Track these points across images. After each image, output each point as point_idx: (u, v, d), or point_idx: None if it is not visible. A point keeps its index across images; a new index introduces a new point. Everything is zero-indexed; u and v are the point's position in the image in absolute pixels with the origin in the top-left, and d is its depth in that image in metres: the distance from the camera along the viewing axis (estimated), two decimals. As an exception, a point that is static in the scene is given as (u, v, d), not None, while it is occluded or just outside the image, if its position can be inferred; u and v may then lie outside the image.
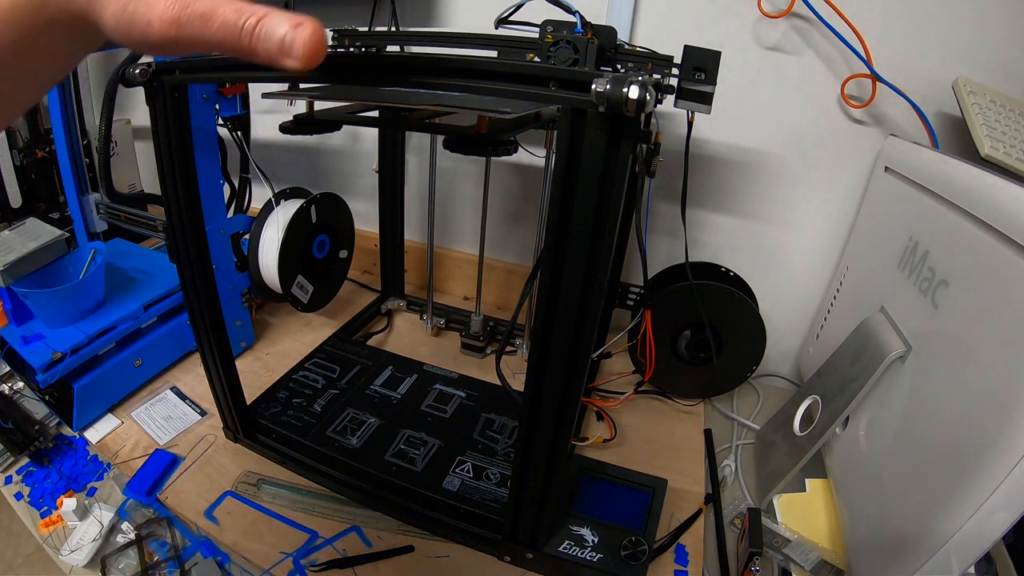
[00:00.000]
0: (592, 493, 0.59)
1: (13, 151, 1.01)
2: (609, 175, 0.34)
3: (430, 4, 0.85)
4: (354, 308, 0.95)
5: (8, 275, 0.67)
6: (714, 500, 0.63)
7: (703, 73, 0.53)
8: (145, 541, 0.56)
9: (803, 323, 0.83)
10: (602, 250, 0.36)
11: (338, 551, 0.55)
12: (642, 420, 0.75)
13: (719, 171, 0.79)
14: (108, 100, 0.79)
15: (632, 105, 0.30)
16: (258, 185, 0.80)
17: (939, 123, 0.66)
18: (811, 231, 0.78)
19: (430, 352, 0.86)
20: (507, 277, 0.99)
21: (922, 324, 0.50)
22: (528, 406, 0.44)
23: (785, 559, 0.54)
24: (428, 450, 0.64)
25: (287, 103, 0.62)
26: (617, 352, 0.85)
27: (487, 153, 0.57)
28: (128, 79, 0.47)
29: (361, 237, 0.94)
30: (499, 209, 0.94)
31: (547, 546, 0.53)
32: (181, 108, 0.49)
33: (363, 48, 0.75)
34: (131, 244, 0.94)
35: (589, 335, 0.40)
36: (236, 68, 0.44)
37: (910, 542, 0.43)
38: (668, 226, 0.84)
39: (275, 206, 0.77)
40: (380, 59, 0.40)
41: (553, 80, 0.32)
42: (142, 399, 0.74)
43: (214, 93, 0.68)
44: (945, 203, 0.50)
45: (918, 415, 0.47)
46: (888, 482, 0.49)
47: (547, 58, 0.58)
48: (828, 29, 0.65)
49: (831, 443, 0.61)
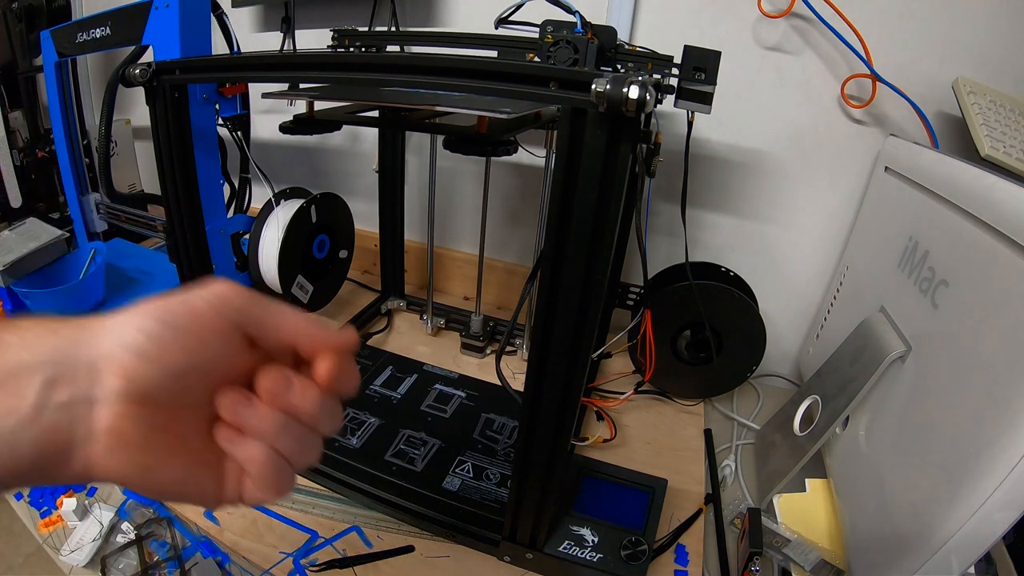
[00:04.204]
0: (592, 493, 0.59)
1: (13, 151, 1.02)
2: (609, 175, 0.34)
3: (430, 4, 0.85)
4: (354, 308, 0.95)
5: (8, 275, 0.67)
6: (714, 500, 0.63)
7: (703, 73, 0.53)
8: (145, 541, 0.56)
9: (803, 323, 0.83)
10: (602, 250, 0.36)
11: (338, 551, 0.55)
12: (642, 420, 0.75)
13: (719, 171, 0.79)
14: (108, 100, 0.79)
15: (632, 105, 0.30)
16: (258, 185, 0.80)
17: (939, 123, 0.66)
18: (811, 231, 0.78)
19: (430, 352, 0.86)
20: (507, 277, 0.99)
21: (922, 324, 0.50)
22: (528, 406, 0.44)
23: (785, 559, 0.54)
24: (428, 450, 0.64)
25: (287, 103, 0.62)
26: (617, 352, 0.85)
27: (487, 153, 0.57)
28: (128, 79, 0.47)
29: (361, 237, 0.94)
30: (499, 209, 0.94)
31: (547, 546, 0.53)
32: (181, 108, 0.49)
33: (363, 48, 0.75)
34: (131, 244, 0.94)
35: (589, 335, 0.40)
36: (236, 68, 0.44)
37: (910, 542, 0.43)
38: (668, 226, 0.84)
39: (275, 206, 0.77)
40: (380, 59, 0.40)
41: (553, 80, 0.32)
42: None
43: (214, 93, 0.68)
44: (945, 203, 0.50)
45: (918, 415, 0.47)
46: (888, 482, 0.49)
47: (547, 58, 0.57)
48: (828, 29, 0.65)
49: (831, 443, 0.61)
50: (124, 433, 0.22)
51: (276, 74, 0.43)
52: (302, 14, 0.86)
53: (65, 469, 0.22)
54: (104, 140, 0.81)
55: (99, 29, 0.73)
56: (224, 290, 0.25)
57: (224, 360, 0.25)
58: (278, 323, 0.26)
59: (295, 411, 0.25)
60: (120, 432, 0.22)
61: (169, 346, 0.23)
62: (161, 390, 0.23)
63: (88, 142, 0.91)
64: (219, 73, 0.50)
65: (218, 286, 0.25)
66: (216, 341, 0.24)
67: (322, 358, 0.26)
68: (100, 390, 0.22)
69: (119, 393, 0.22)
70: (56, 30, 0.80)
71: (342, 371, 0.26)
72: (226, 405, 0.25)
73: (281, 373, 0.25)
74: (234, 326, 0.25)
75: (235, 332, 0.25)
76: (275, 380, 0.25)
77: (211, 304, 0.24)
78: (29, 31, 0.99)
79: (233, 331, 0.25)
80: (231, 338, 0.25)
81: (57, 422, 0.22)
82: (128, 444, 0.23)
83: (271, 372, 0.25)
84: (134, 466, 0.23)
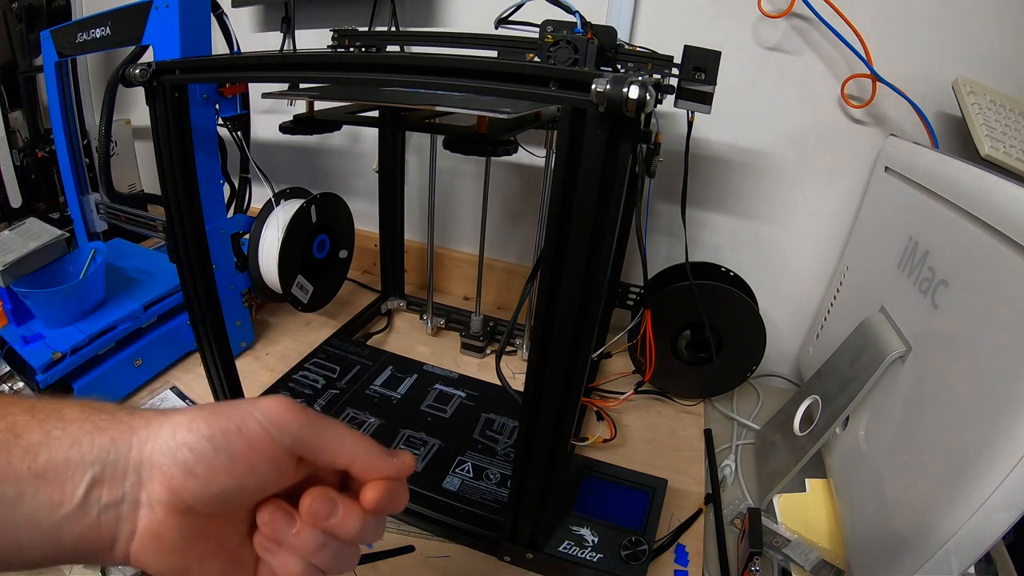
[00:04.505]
0: (592, 493, 0.59)
1: (13, 151, 1.02)
2: (609, 175, 0.34)
3: (430, 4, 0.85)
4: (354, 308, 0.95)
5: (8, 275, 0.67)
6: (714, 500, 0.63)
7: (703, 73, 0.53)
8: (145, 541, 0.56)
9: (803, 323, 0.83)
10: (602, 250, 0.36)
11: (338, 551, 0.55)
12: (642, 420, 0.75)
13: (719, 171, 0.79)
14: (108, 100, 0.79)
15: (632, 105, 0.30)
16: (258, 185, 0.80)
17: (939, 123, 0.66)
18: (811, 231, 0.78)
19: (430, 352, 0.86)
20: (507, 277, 0.99)
21: (922, 324, 0.50)
22: (528, 406, 0.44)
23: (785, 559, 0.54)
24: (428, 450, 0.64)
25: (287, 103, 0.62)
26: (617, 352, 0.85)
27: (487, 153, 0.57)
28: (128, 79, 0.47)
29: (361, 237, 0.94)
30: (499, 209, 0.94)
31: (547, 546, 0.53)
32: (181, 108, 0.49)
33: (363, 48, 0.75)
34: (131, 244, 0.94)
35: (589, 335, 0.40)
36: (236, 68, 0.44)
37: (910, 542, 0.43)
38: (668, 226, 0.84)
39: (275, 206, 0.77)
40: (380, 59, 0.40)
41: (553, 80, 0.32)
42: (142, 399, 0.74)
43: (214, 93, 0.68)
44: (945, 203, 0.50)
45: (918, 415, 0.47)
46: (888, 482, 0.49)
47: (547, 58, 0.57)
48: (828, 29, 0.65)
49: (831, 443, 0.61)
50: (164, 537, 0.23)
51: (276, 74, 0.43)
52: (302, 14, 0.86)
53: (103, 558, 0.23)
54: (104, 140, 0.81)
55: (99, 29, 0.73)
56: (281, 414, 0.24)
57: (272, 482, 0.25)
58: (335, 450, 0.25)
59: (336, 533, 0.25)
60: (160, 536, 0.23)
61: (219, 470, 0.23)
62: (205, 506, 0.23)
63: (88, 142, 0.91)
64: (219, 73, 0.49)
65: (275, 407, 0.24)
66: (267, 467, 0.24)
67: (374, 485, 0.25)
68: (145, 495, 0.23)
69: (163, 502, 0.22)
70: (56, 30, 0.80)
71: (392, 497, 0.26)
72: (265, 521, 0.25)
73: (326, 497, 0.25)
74: (288, 452, 0.24)
75: (288, 457, 0.24)
76: (320, 504, 0.25)
77: (266, 430, 0.24)
78: (29, 31, 0.99)
79: (287, 457, 0.24)
80: (284, 463, 0.24)
81: (101, 520, 0.22)
82: (167, 547, 0.23)
83: (316, 494, 0.25)
84: (171, 566, 0.23)
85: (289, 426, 0.24)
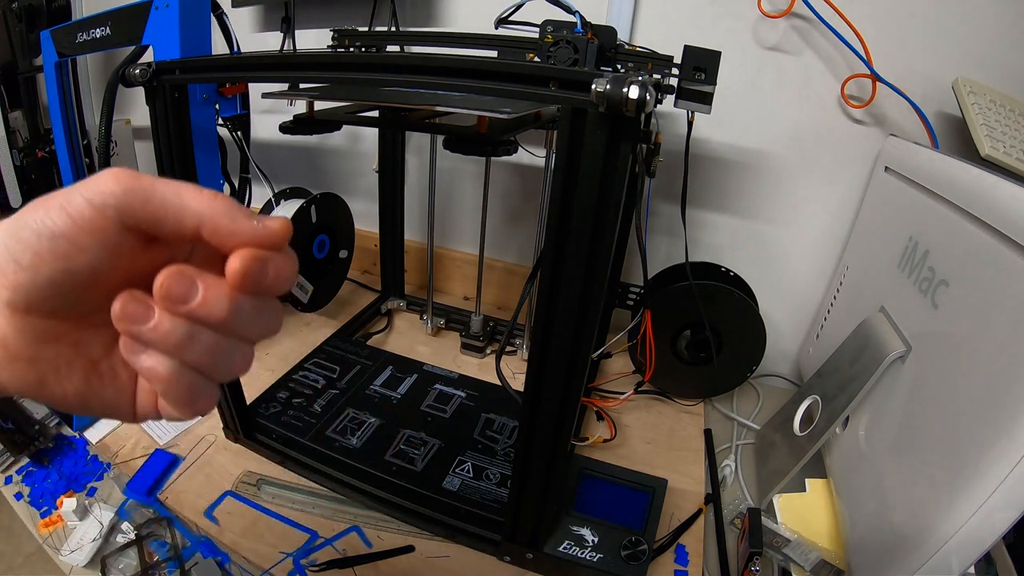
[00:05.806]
0: (592, 493, 0.59)
1: (13, 151, 1.02)
2: (609, 175, 0.34)
3: (430, 4, 0.85)
4: (354, 308, 0.95)
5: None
6: (714, 500, 0.63)
7: (703, 73, 0.53)
8: (145, 541, 0.56)
9: (803, 323, 0.83)
10: (602, 250, 0.36)
11: (338, 551, 0.55)
12: (642, 420, 0.75)
13: (719, 171, 0.79)
14: (108, 100, 0.79)
15: (632, 105, 0.30)
16: (258, 185, 0.80)
17: (939, 123, 0.66)
18: (811, 231, 0.78)
19: (430, 352, 0.86)
20: (507, 277, 0.99)
21: (922, 324, 0.50)
22: (528, 406, 0.44)
23: (785, 559, 0.54)
24: (428, 450, 0.64)
25: (287, 103, 0.62)
26: (617, 352, 0.85)
27: (487, 153, 0.57)
28: (128, 79, 0.47)
29: (361, 237, 0.94)
30: (499, 209, 0.94)
31: (547, 546, 0.53)
32: (181, 108, 0.49)
33: (363, 48, 0.75)
34: (131, 244, 0.94)
35: (589, 335, 0.40)
36: (236, 68, 0.44)
37: (910, 542, 0.43)
38: (668, 226, 0.84)
39: (275, 206, 0.77)
40: (380, 59, 0.40)
41: (553, 80, 0.32)
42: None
43: (214, 93, 0.68)
44: (945, 203, 0.50)
45: (918, 415, 0.47)
46: (888, 482, 0.49)
47: (547, 58, 0.58)
48: (828, 29, 0.65)
49: (831, 443, 0.61)
50: (9, 344, 0.21)
51: (276, 74, 0.43)
52: (302, 14, 0.86)
53: None
54: (104, 140, 0.81)
55: (99, 29, 0.73)
56: (104, 181, 0.20)
57: (115, 263, 0.21)
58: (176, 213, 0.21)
59: (202, 318, 0.21)
60: (5, 343, 0.21)
61: (44, 255, 0.20)
62: (43, 300, 0.21)
63: (88, 142, 0.91)
64: (219, 73, 0.49)
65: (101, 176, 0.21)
66: (93, 243, 0.20)
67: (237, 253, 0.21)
68: None
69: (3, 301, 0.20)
70: (56, 30, 0.80)
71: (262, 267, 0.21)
72: (117, 313, 0.21)
73: (180, 274, 0.21)
74: (116, 223, 0.21)
75: (120, 229, 0.21)
76: (172, 281, 0.20)
77: (88, 200, 0.20)
78: (29, 31, 0.99)
79: (116, 228, 0.21)
80: (115, 237, 0.21)
81: None
82: (14, 355, 0.21)
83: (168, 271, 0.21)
84: (24, 380, 0.21)
85: (112, 190, 0.20)
